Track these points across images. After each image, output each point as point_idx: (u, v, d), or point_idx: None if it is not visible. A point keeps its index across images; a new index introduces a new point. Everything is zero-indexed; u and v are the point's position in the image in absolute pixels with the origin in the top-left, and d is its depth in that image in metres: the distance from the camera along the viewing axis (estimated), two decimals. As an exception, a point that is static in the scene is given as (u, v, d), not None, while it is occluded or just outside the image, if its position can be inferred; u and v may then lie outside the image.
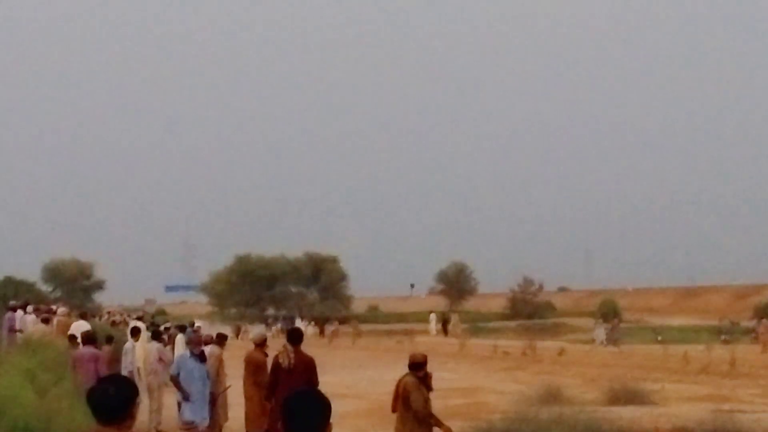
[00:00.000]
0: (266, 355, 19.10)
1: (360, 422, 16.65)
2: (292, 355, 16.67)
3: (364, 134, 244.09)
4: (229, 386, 20.82)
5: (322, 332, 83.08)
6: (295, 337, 17.10)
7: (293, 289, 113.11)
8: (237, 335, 79.51)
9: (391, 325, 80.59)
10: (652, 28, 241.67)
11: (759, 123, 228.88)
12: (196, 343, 19.48)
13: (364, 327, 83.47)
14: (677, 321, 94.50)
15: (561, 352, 53.48)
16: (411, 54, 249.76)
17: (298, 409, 5.55)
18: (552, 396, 26.29)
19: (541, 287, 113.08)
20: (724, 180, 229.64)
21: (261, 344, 19.62)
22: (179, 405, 19.27)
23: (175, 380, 18.75)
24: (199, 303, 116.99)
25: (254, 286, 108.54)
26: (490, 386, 34.21)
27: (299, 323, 79.49)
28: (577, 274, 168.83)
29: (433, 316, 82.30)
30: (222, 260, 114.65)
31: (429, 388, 14.29)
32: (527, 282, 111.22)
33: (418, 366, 14.04)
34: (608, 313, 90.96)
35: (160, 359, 24.39)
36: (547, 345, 58.61)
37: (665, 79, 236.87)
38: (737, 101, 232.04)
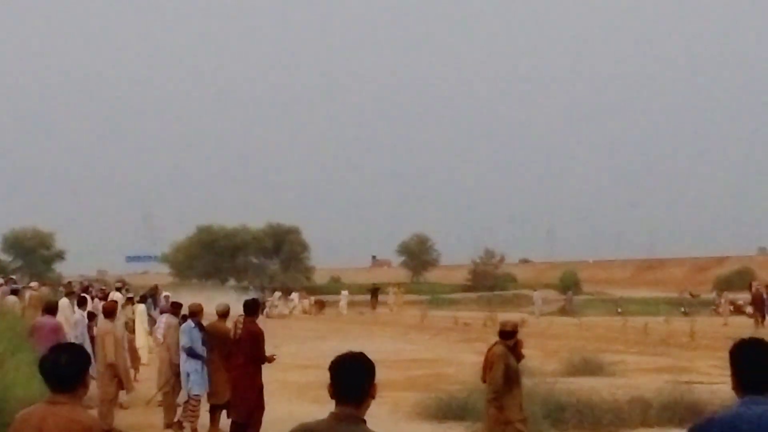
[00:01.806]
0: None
1: (322, 393, 16.75)
2: (240, 326, 16.66)
3: (326, 105, 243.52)
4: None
5: (321, 306, 79.58)
6: (248, 307, 17.05)
7: (255, 260, 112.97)
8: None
9: (353, 296, 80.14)
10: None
11: (716, 95, 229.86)
12: (198, 312, 19.12)
13: (327, 298, 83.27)
14: (638, 293, 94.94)
15: (521, 323, 53.67)
16: (366, 19, 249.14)
17: (344, 371, 5.75)
18: (512, 367, 26.35)
19: (502, 259, 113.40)
20: (684, 153, 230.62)
21: (224, 315, 19.10)
22: (188, 376, 18.86)
23: (192, 351, 18.60)
24: (161, 273, 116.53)
25: (216, 257, 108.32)
26: (451, 357, 34.28)
27: (294, 297, 77.83)
28: (538, 247, 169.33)
29: (344, 293, 79.14)
30: (184, 231, 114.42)
31: (519, 357, 13.99)
32: (489, 254, 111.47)
33: (507, 334, 13.70)
34: (569, 285, 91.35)
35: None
36: (508, 316, 58.83)
37: (625, 51, 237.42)
38: (695, 74, 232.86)
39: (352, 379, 5.77)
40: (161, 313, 23.17)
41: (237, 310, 18.39)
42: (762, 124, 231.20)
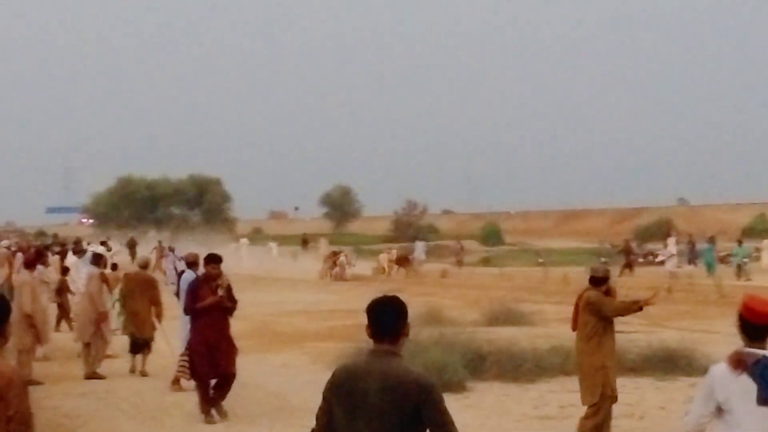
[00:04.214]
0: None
1: (245, 343, 16.64)
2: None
3: (249, 54, 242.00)
4: None
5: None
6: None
7: (176, 211, 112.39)
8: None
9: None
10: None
11: (637, 46, 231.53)
12: (196, 261, 18.17)
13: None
14: (558, 243, 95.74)
15: (443, 274, 53.96)
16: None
17: (380, 312, 6.34)
18: (433, 317, 26.44)
19: (425, 210, 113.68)
20: (603, 104, 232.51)
21: (145, 267, 21.66)
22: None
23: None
24: (82, 225, 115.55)
25: (137, 208, 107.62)
26: (372, 308, 34.34)
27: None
28: (461, 198, 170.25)
29: (273, 244, 77.05)
30: (104, 182, 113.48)
31: None
32: (411, 205, 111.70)
33: (599, 281, 13.44)
34: (490, 235, 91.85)
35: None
36: (430, 267, 59.06)
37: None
38: (606, 20, 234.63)
39: (387, 319, 6.32)
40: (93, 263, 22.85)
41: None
42: (681, 76, 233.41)
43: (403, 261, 58.40)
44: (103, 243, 41.24)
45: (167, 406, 16.68)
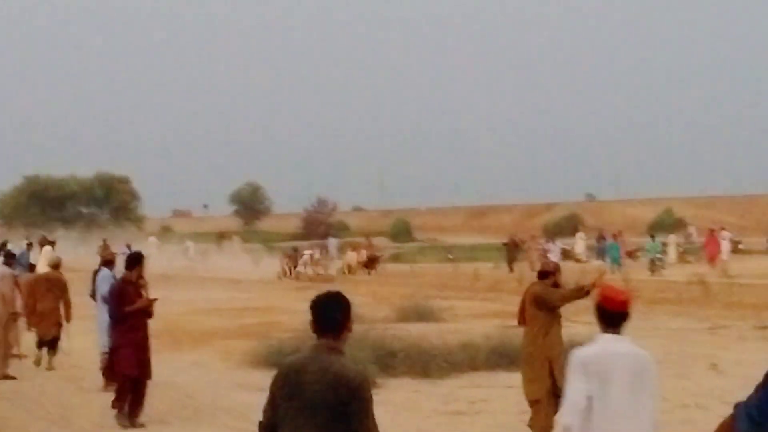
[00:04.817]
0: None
1: (155, 341, 16.50)
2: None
3: (155, 52, 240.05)
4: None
5: None
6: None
7: (84, 210, 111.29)
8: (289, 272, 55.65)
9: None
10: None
11: (525, 37, 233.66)
12: (113, 260, 19.48)
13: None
14: (468, 240, 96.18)
15: (353, 270, 54.12)
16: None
17: (323, 308, 6.44)
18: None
19: (335, 207, 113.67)
20: (511, 101, 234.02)
21: (56, 266, 21.20)
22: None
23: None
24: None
25: (44, 207, 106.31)
26: (284, 305, 34.27)
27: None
28: (372, 195, 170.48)
29: (190, 243, 76.24)
30: (11, 180, 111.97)
31: None
32: (321, 202, 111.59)
33: (546, 274, 13.40)
34: (400, 232, 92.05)
35: None
36: (340, 264, 59.08)
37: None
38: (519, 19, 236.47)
39: (330, 314, 6.43)
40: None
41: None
42: (586, 73, 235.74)
43: (372, 262, 56.76)
44: (31, 243, 40.54)
45: (75, 406, 16.54)
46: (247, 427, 14.90)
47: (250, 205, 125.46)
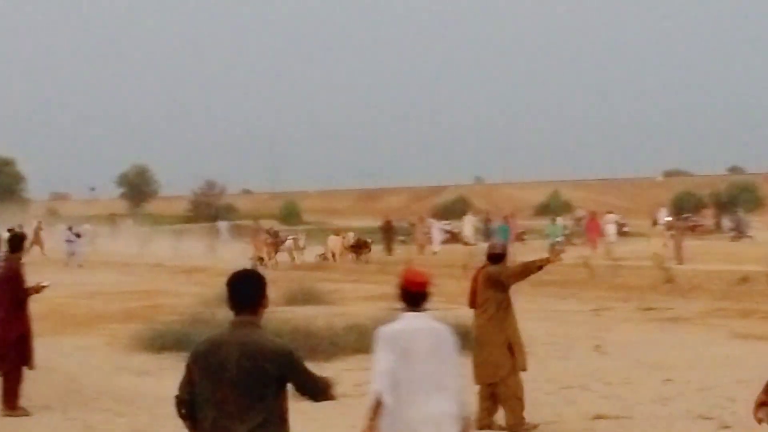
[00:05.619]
0: None
1: (39, 325, 16.31)
2: (2, 264, 15.74)
3: (40, 29, 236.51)
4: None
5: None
6: (12, 245, 15.98)
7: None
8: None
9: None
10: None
11: (421, 21, 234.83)
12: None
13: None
14: (358, 222, 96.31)
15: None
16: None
17: (239, 285, 6.62)
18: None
19: (223, 190, 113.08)
20: (401, 83, 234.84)
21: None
22: None
23: None
24: None
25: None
26: (170, 289, 34.12)
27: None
28: (262, 178, 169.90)
29: (87, 226, 75.04)
30: None
31: None
32: (209, 184, 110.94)
33: (497, 257, 13.26)
34: (288, 214, 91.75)
35: None
36: (229, 247, 58.88)
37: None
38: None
39: (246, 291, 6.63)
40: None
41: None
42: (479, 57, 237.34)
43: (361, 247, 51.05)
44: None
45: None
46: (132, 410, 14.87)
47: (137, 188, 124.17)
